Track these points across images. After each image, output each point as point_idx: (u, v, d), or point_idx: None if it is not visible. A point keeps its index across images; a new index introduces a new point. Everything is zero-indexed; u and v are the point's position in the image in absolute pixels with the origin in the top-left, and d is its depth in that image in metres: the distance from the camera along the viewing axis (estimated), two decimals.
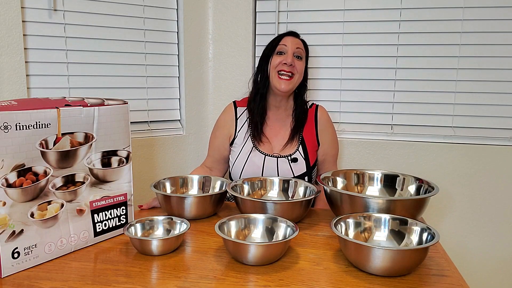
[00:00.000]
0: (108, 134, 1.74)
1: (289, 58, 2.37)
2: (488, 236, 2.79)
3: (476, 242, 2.81)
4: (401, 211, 1.78)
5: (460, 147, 2.74)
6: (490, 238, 2.79)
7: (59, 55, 2.47)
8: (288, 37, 2.44)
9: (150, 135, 2.81)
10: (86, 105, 1.66)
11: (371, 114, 2.90)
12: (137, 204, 2.20)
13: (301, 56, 2.42)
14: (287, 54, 2.39)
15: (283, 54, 2.40)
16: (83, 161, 1.68)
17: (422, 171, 2.77)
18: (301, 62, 2.42)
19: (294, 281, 1.45)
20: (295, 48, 2.40)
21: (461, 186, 2.77)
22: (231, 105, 2.58)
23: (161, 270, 1.53)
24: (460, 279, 1.48)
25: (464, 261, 2.75)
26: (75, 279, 1.47)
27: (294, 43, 2.41)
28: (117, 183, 1.82)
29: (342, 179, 2.21)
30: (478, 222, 2.79)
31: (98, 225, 1.77)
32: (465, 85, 2.74)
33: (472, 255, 2.81)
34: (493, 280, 2.82)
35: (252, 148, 2.42)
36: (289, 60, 2.36)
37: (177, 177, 2.27)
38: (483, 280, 2.81)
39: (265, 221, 1.76)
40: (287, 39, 2.43)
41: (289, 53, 2.38)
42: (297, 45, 2.42)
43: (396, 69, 2.81)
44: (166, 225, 1.81)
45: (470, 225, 2.80)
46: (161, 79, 2.86)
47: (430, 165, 2.79)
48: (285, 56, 2.39)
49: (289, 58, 2.37)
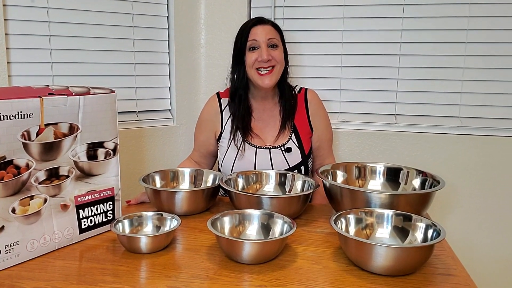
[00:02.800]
0: (94, 125, 1.74)
1: (264, 53, 2.33)
2: (498, 233, 2.80)
3: (484, 239, 2.81)
4: (405, 207, 1.78)
5: (468, 139, 2.74)
6: (499, 235, 2.80)
7: (42, 41, 2.45)
8: (256, 27, 2.39)
9: (139, 126, 2.80)
10: (71, 94, 1.65)
11: (373, 103, 2.89)
12: (124, 199, 2.19)
13: (276, 44, 2.38)
14: (260, 48, 2.35)
15: (256, 49, 2.36)
16: (67, 153, 1.67)
17: (427, 164, 2.77)
18: (278, 49, 2.39)
19: (292, 281, 1.46)
20: (267, 39, 2.35)
21: (468, 179, 2.78)
22: (214, 97, 2.58)
23: (151, 269, 1.53)
24: (467, 279, 1.48)
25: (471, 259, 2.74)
26: (59, 278, 1.47)
27: (264, 33, 2.36)
28: (103, 176, 1.82)
29: (342, 173, 2.22)
30: (487, 218, 2.80)
31: (83, 221, 1.77)
32: (472, 72, 2.73)
33: (480, 253, 2.82)
34: (502, 279, 2.83)
35: (242, 142, 2.43)
36: (265, 56, 2.32)
37: (167, 170, 2.27)
38: (492, 280, 2.82)
39: (261, 217, 1.76)
40: (256, 31, 2.37)
41: (263, 47, 2.34)
42: (268, 34, 2.37)
43: (400, 56, 2.80)
44: (156, 221, 1.82)
45: (478, 221, 2.81)
46: (150, 66, 2.85)
47: (435, 158, 2.79)
48: (259, 51, 2.35)
49: (264, 53, 2.33)
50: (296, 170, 2.38)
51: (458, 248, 1.82)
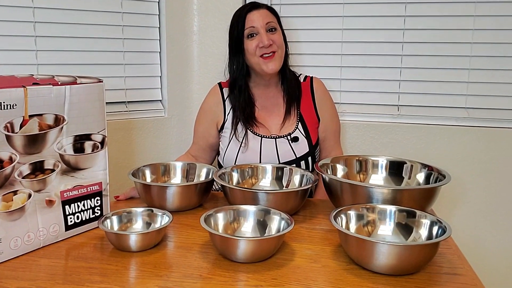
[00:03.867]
0: (81, 116, 1.74)
1: (264, 38, 2.33)
2: (507, 229, 2.80)
3: (492, 236, 2.82)
4: (409, 202, 1.78)
5: (475, 131, 2.74)
6: (508, 232, 2.80)
7: (26, 28, 2.44)
8: (251, 13, 2.38)
9: (128, 117, 2.80)
10: (57, 84, 1.65)
11: (375, 93, 2.90)
12: (113, 194, 2.18)
13: (274, 27, 2.38)
14: (259, 34, 2.34)
15: (255, 35, 2.36)
16: (53, 146, 1.67)
17: (432, 157, 2.77)
18: (277, 33, 2.39)
19: (289, 280, 1.46)
20: (265, 23, 2.35)
21: (475, 174, 2.78)
22: (216, 87, 2.58)
23: (140, 268, 1.53)
24: (474, 278, 1.48)
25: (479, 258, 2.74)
26: (44, 278, 1.47)
27: (261, 18, 2.36)
28: (91, 170, 1.81)
29: (342, 166, 2.22)
30: (494, 214, 2.80)
31: (69, 218, 1.76)
32: (480, 61, 2.73)
33: (488, 251, 2.82)
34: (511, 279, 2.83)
35: (246, 132, 2.43)
36: (266, 41, 2.32)
37: (158, 164, 2.27)
38: (501, 279, 2.83)
39: (257, 213, 1.76)
40: (252, 18, 2.37)
41: (262, 32, 2.34)
42: (265, 18, 2.37)
43: (403, 43, 2.80)
44: (146, 217, 1.81)
45: (485, 218, 2.81)
46: (140, 54, 2.85)
47: (441, 151, 2.79)
48: (258, 37, 2.35)
49: (264, 38, 2.33)
50: (303, 161, 2.39)
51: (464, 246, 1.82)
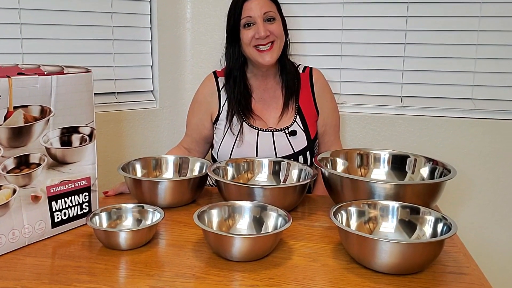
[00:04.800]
0: (68, 108, 1.73)
1: (261, 29, 2.31)
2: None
3: (500, 234, 2.82)
4: (412, 198, 1.78)
5: (482, 123, 2.75)
6: None
7: (10, 15, 2.43)
8: (249, 2, 2.35)
9: (118, 109, 2.80)
10: (43, 74, 1.64)
11: (377, 84, 2.89)
12: (102, 189, 2.18)
13: (273, 17, 2.36)
14: (256, 24, 2.33)
15: (251, 25, 2.35)
16: (38, 139, 1.67)
17: (437, 151, 2.78)
18: (276, 22, 2.37)
19: (287, 280, 1.46)
20: (263, 13, 2.33)
21: (482, 168, 2.78)
22: (210, 76, 2.57)
23: (131, 267, 1.53)
24: (481, 278, 1.49)
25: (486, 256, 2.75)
26: (29, 277, 1.46)
27: (259, 7, 2.34)
28: (78, 165, 1.81)
29: (342, 160, 2.22)
30: (502, 210, 2.81)
31: (56, 215, 1.76)
32: (487, 50, 2.73)
33: (495, 249, 2.83)
34: None
35: (241, 127, 2.43)
36: (262, 32, 2.30)
37: (149, 158, 2.27)
38: (508, 279, 2.83)
39: (253, 209, 1.76)
40: (249, 6, 2.35)
41: (259, 22, 2.32)
42: (263, 7, 2.34)
43: (406, 31, 2.80)
44: (137, 214, 1.81)
45: (493, 214, 2.81)
46: (130, 43, 2.84)
47: (446, 144, 2.79)
48: (255, 27, 2.33)
49: (261, 29, 2.31)
50: (301, 156, 2.39)
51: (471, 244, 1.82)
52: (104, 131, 2.72)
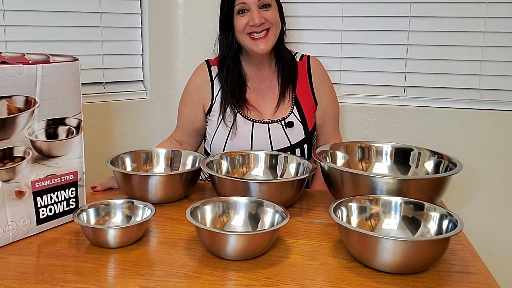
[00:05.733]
0: (54, 99, 1.73)
1: (256, 16, 2.30)
2: None
3: (508, 231, 2.83)
4: (416, 193, 1.79)
5: (489, 114, 2.75)
6: None
7: None
8: None
9: (106, 100, 2.79)
10: (27, 63, 1.64)
11: (378, 73, 2.90)
12: (89, 184, 2.18)
13: (268, 3, 2.35)
14: (251, 11, 2.32)
15: (246, 12, 2.34)
16: (23, 131, 1.66)
17: (442, 144, 2.78)
18: (272, 9, 2.36)
19: (284, 280, 1.46)
20: None
21: (490, 162, 2.79)
22: (203, 65, 2.57)
23: (120, 266, 1.53)
24: (488, 277, 1.49)
25: (493, 254, 2.75)
26: (13, 277, 1.46)
27: None
28: (65, 158, 1.81)
29: (343, 154, 2.22)
30: (511, 206, 2.81)
31: (42, 211, 1.76)
32: (495, 37, 2.73)
33: (503, 247, 2.83)
34: None
35: (234, 118, 2.42)
36: (257, 20, 2.30)
37: (140, 151, 2.27)
38: None
39: (248, 205, 1.76)
40: None
41: (253, 9, 2.31)
42: None
43: (410, 18, 2.79)
44: (126, 210, 1.81)
45: (501, 210, 2.82)
46: (119, 30, 2.83)
47: (451, 136, 2.79)
48: (249, 14, 2.32)
49: (256, 16, 2.30)
50: (298, 148, 2.40)
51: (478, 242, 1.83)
52: (92, 123, 2.71)
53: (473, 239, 1.75)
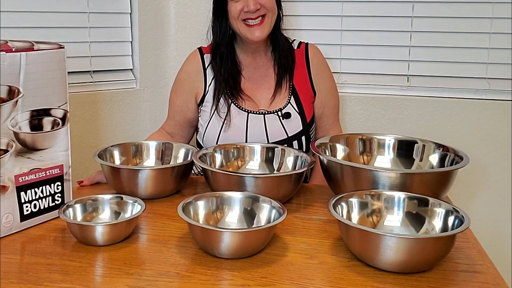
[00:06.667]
0: (39, 88, 1.72)
1: (251, 2, 2.28)
2: None
3: None
4: (420, 188, 1.79)
5: (497, 105, 2.75)
6: None
7: None
8: None
9: (94, 89, 2.79)
10: (10, 50, 1.63)
11: (381, 61, 2.90)
12: (76, 179, 2.18)
13: None
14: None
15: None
16: (6, 123, 1.66)
17: (448, 136, 2.78)
18: None
19: (281, 279, 1.46)
20: None
21: (498, 155, 2.79)
22: (195, 52, 2.56)
23: (108, 264, 1.53)
24: (496, 276, 1.49)
25: (501, 253, 2.76)
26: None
27: None
28: (50, 151, 1.80)
29: (343, 147, 2.22)
30: None
31: (25, 207, 1.76)
32: (502, 23, 2.73)
33: None
34: None
35: (228, 109, 2.42)
36: (252, 6, 2.28)
37: (129, 143, 2.27)
38: None
39: (243, 201, 1.76)
40: None
41: None
42: None
43: (414, 3, 2.79)
44: (115, 206, 1.81)
45: (509, 206, 2.82)
46: (107, 16, 2.83)
47: (457, 128, 2.80)
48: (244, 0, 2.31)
49: (251, 2, 2.28)
50: (295, 141, 2.40)
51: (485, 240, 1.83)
52: (78, 113, 2.71)
53: (480, 237, 1.75)
